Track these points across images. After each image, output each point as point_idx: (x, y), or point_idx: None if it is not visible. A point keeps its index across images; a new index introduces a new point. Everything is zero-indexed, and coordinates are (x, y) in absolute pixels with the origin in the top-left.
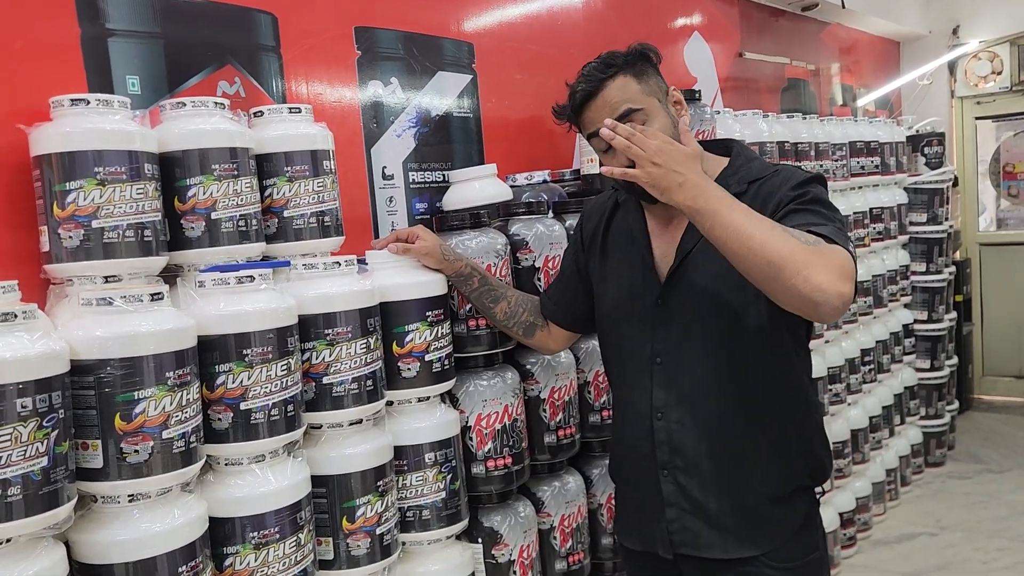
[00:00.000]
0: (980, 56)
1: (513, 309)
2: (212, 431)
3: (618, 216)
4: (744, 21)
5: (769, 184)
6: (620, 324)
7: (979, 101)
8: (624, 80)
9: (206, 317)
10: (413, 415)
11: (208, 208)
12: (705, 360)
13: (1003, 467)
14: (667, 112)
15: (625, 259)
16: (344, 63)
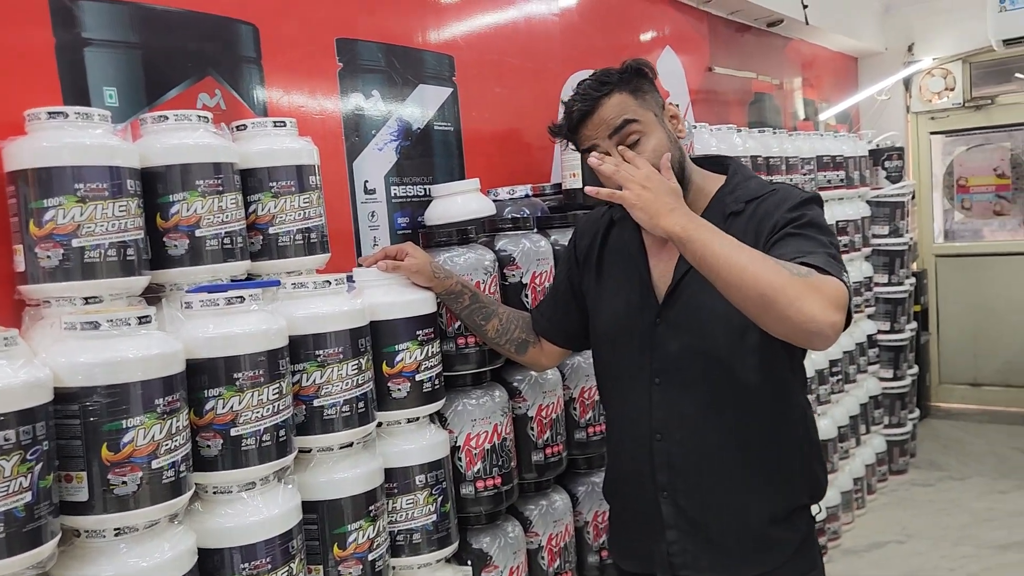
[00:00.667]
0: (934, 73)
1: (505, 326)
2: (200, 458)
3: (614, 233)
4: (713, 36)
5: (766, 204)
6: (617, 343)
7: (933, 116)
8: (621, 97)
9: (194, 340)
10: (403, 436)
11: (192, 225)
12: (705, 380)
13: (963, 474)
14: (663, 127)
15: (622, 277)
16: (326, 75)
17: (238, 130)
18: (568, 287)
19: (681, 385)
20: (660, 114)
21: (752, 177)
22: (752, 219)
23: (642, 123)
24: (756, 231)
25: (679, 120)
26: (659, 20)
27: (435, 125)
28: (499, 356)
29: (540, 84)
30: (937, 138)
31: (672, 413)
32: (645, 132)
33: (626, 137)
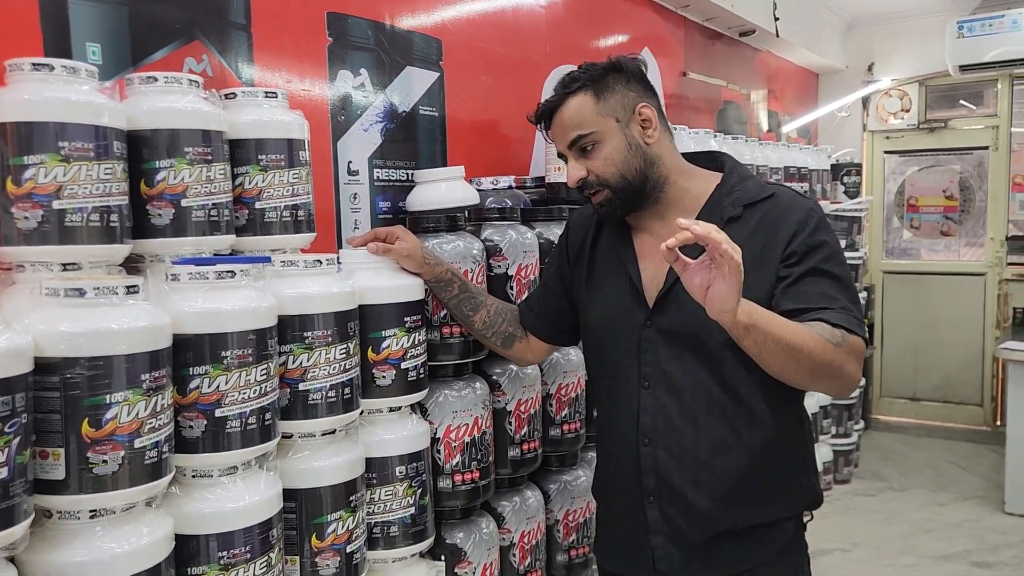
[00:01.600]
0: (891, 93)
1: (492, 318)
2: (181, 439)
3: (604, 232)
4: (688, 41)
5: (772, 215)
6: (606, 345)
7: (888, 136)
8: (582, 99)
9: (181, 314)
10: (384, 426)
11: (178, 194)
12: (695, 387)
13: (904, 485)
14: (623, 134)
15: (612, 278)
16: (315, 49)
17: (227, 98)
18: (559, 283)
19: (669, 391)
20: (624, 118)
21: (749, 177)
22: (757, 231)
23: (596, 133)
24: (764, 246)
25: (651, 124)
26: (639, 21)
27: (420, 109)
28: (482, 347)
29: (524, 75)
30: (891, 157)
31: (659, 418)
32: (598, 141)
33: (582, 147)
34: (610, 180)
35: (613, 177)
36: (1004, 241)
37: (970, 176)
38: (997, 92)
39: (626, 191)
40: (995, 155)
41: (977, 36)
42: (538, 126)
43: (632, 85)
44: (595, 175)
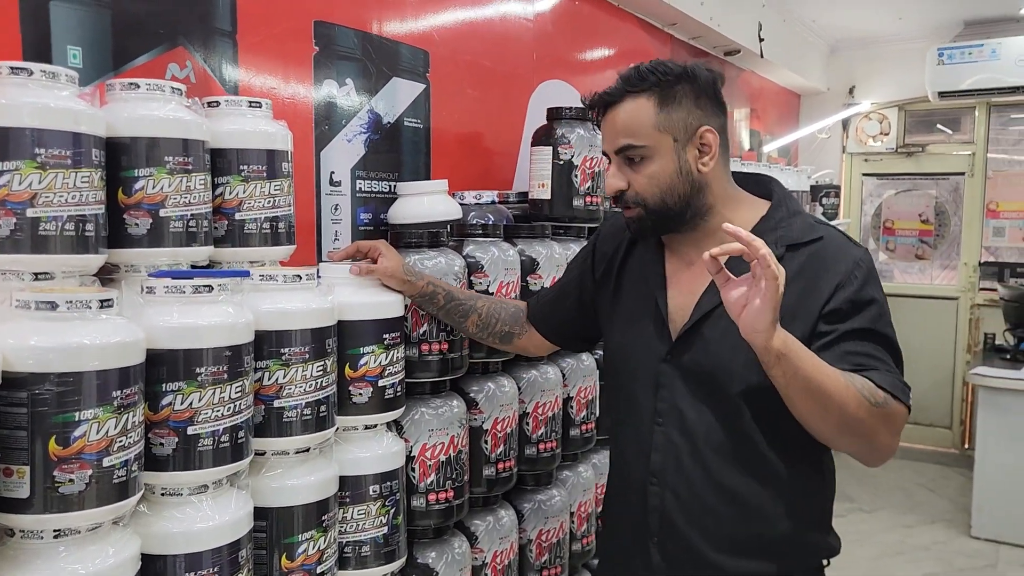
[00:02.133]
0: (871, 116)
1: (485, 320)
2: (151, 456)
3: (637, 250)
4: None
5: (817, 261)
6: (623, 372)
7: (867, 159)
8: (643, 103)
9: (155, 329)
10: (359, 443)
11: (156, 204)
12: (709, 431)
13: (873, 507)
14: (676, 156)
15: (638, 303)
16: (301, 58)
17: (210, 106)
18: (577, 290)
19: (682, 431)
20: (683, 139)
21: (797, 213)
22: (799, 277)
23: (648, 148)
24: (803, 294)
25: (710, 150)
26: (626, 37)
27: (406, 120)
28: (461, 366)
29: (510, 89)
30: (869, 179)
31: (670, 458)
32: (648, 156)
33: (628, 157)
34: (649, 201)
35: (653, 198)
36: (977, 267)
37: (946, 201)
38: (975, 119)
39: (663, 215)
40: (971, 181)
41: (956, 64)
42: (590, 112)
43: (701, 102)
44: (635, 191)
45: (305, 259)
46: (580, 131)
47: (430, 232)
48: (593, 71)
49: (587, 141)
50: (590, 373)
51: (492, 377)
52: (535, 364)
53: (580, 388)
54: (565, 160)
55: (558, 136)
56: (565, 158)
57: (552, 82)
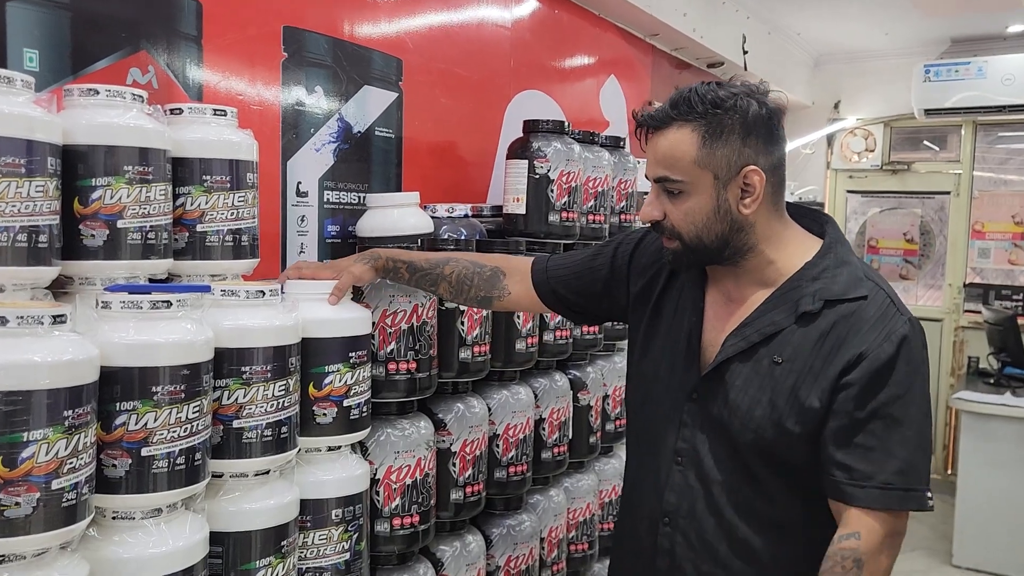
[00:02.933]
0: (856, 133)
1: (457, 287)
2: (103, 479)
3: (679, 278)
4: (655, 70)
5: (852, 323)
6: (649, 402)
7: (852, 175)
8: (686, 136)
9: (111, 346)
10: (322, 466)
11: (114, 215)
12: (726, 481)
13: None
14: (716, 195)
15: (673, 329)
16: (269, 64)
17: (172, 114)
18: (603, 283)
19: (699, 476)
20: (725, 177)
21: (845, 263)
22: (828, 337)
23: (685, 183)
24: (828, 356)
25: (753, 193)
26: (607, 47)
27: (376, 130)
28: (429, 387)
29: (486, 99)
30: (853, 197)
31: (684, 501)
32: (686, 192)
33: (666, 188)
34: (684, 236)
35: (688, 235)
36: (962, 288)
37: (931, 220)
38: (961, 137)
39: (699, 251)
40: (956, 200)
41: (943, 81)
42: (636, 132)
43: (751, 140)
44: (671, 223)
45: (270, 271)
46: (557, 144)
47: (400, 247)
48: (572, 81)
49: (564, 155)
50: (563, 394)
51: (461, 398)
52: (506, 384)
53: (553, 409)
54: (541, 174)
55: (534, 149)
56: (541, 172)
57: (529, 92)
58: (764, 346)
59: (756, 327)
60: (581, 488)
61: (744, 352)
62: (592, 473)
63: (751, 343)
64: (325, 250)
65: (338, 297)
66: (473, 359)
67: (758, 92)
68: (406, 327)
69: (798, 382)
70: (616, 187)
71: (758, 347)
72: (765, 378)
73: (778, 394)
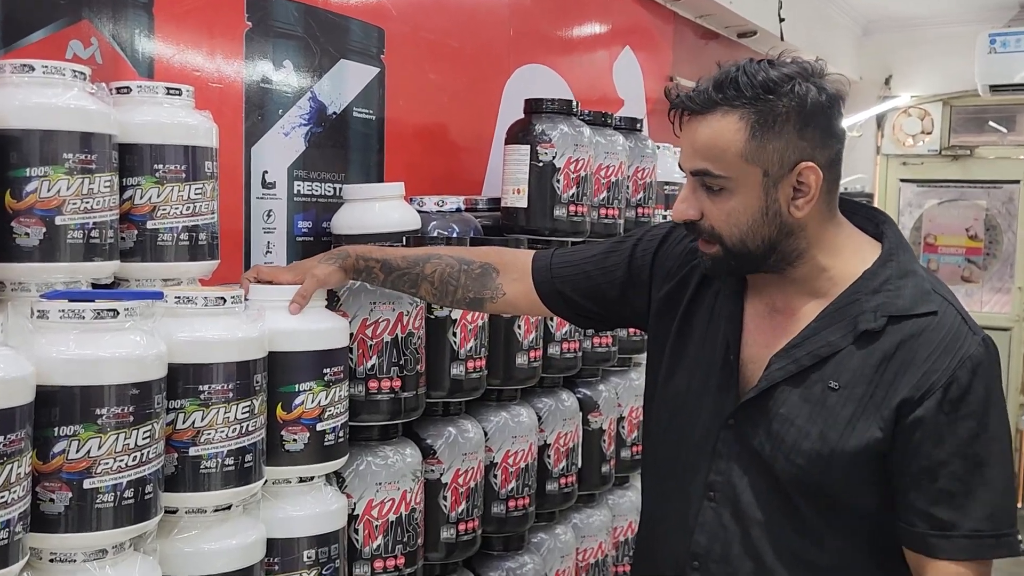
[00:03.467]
0: (910, 112)
1: (441, 289)
2: (39, 515)
3: (713, 284)
4: (677, 41)
5: (920, 344)
6: (674, 427)
7: (905, 162)
8: (732, 124)
9: (49, 362)
10: (292, 499)
11: (52, 210)
12: (766, 522)
13: None
14: (764, 194)
15: (705, 344)
16: (230, 35)
17: (119, 93)
18: (619, 286)
19: (736, 515)
20: (776, 174)
21: (910, 273)
22: (892, 359)
23: (729, 179)
24: (892, 382)
25: (808, 192)
26: (621, 14)
27: (354, 111)
28: (416, 408)
29: (481, 74)
30: (908, 187)
31: (717, 543)
32: (729, 189)
33: (705, 183)
34: (725, 240)
35: (730, 238)
36: None
37: (998, 214)
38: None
39: (742, 257)
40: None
41: (1012, 52)
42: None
43: (808, 131)
44: (710, 224)
45: (231, 276)
46: (563, 127)
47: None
48: (581, 53)
49: (571, 139)
50: (571, 416)
51: (453, 420)
52: (506, 405)
53: (559, 434)
54: (545, 161)
55: (538, 133)
56: (546, 159)
57: (532, 67)
58: (816, 370)
59: (808, 348)
60: (592, 525)
61: (793, 376)
62: (605, 508)
63: (802, 366)
64: (295, 250)
65: (300, 305)
66: (467, 376)
67: (815, 74)
68: (389, 339)
69: (856, 412)
70: (632, 176)
71: (809, 371)
72: (816, 407)
73: (831, 426)
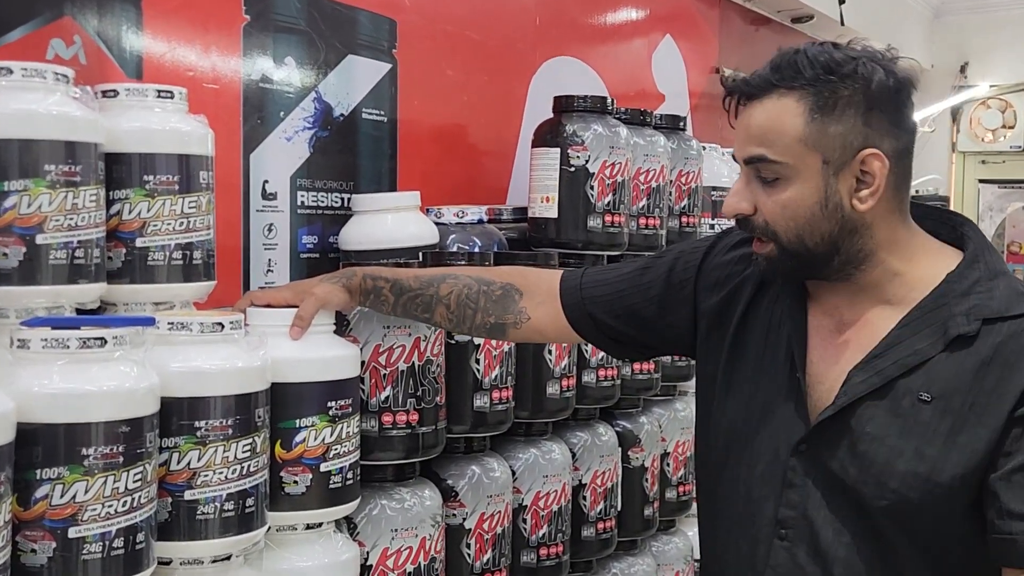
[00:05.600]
0: (990, 104)
1: (459, 312)
2: (19, 568)
3: (770, 291)
4: (724, 28)
5: (1020, 345)
6: (733, 460)
7: (984, 160)
8: (790, 106)
9: (30, 396)
10: (296, 549)
11: (33, 228)
12: (850, 560)
13: None
14: (824, 184)
15: (764, 363)
16: (227, 30)
17: (105, 97)
18: (657, 305)
19: (814, 554)
20: (836, 161)
21: (1001, 274)
22: (992, 365)
23: (786, 166)
24: (995, 389)
25: (873, 183)
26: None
27: (364, 112)
28: (435, 444)
29: (504, 70)
30: (988, 188)
31: None
32: (786, 177)
33: (760, 172)
34: (781, 235)
35: (786, 233)
36: None
37: None
38: None
39: (801, 257)
40: None
41: None
42: (725, 100)
43: (873, 117)
44: (764, 219)
45: (228, 299)
46: (597, 127)
47: (396, 263)
48: (616, 43)
49: (606, 141)
50: (610, 452)
51: (476, 459)
52: (535, 441)
53: (596, 472)
54: (578, 166)
55: (568, 134)
56: (578, 164)
57: (561, 60)
58: (903, 380)
59: (893, 357)
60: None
61: (878, 390)
62: (648, 555)
63: (887, 378)
64: (299, 268)
65: (301, 328)
66: (492, 408)
67: (884, 59)
68: (405, 367)
69: (956, 425)
70: (675, 181)
71: (895, 382)
72: (908, 421)
73: (928, 442)
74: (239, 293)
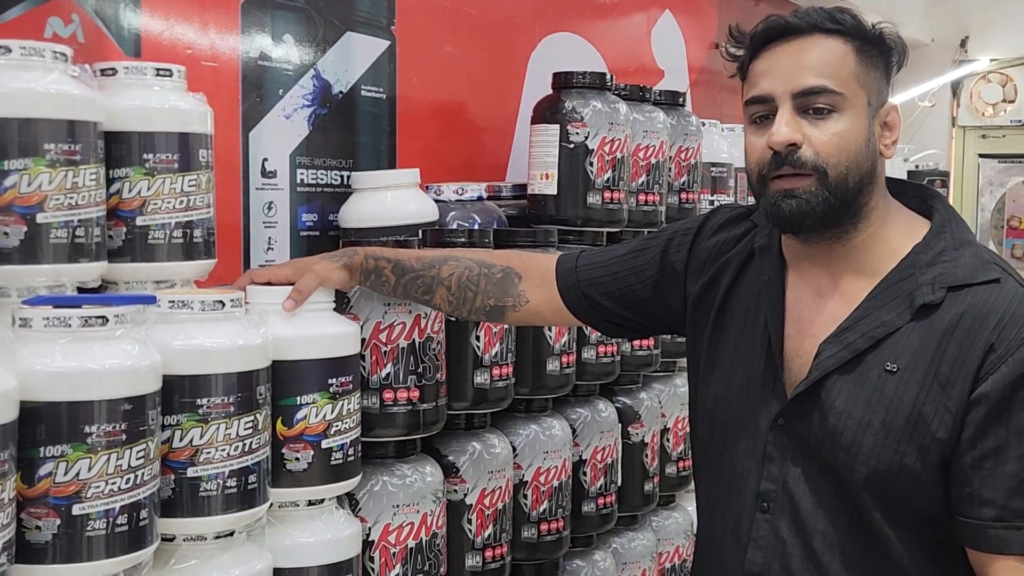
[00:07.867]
0: (990, 78)
1: (459, 294)
2: (24, 544)
3: (751, 268)
4: (724, 2)
5: (982, 313)
6: (719, 435)
7: (985, 134)
8: (842, 47)
9: (33, 375)
10: (299, 525)
11: (33, 207)
12: (829, 529)
13: None
14: (868, 121)
15: (746, 339)
16: (225, 7)
17: (104, 75)
18: (652, 286)
19: (794, 525)
20: (875, 104)
21: (965, 243)
22: (954, 333)
23: (845, 98)
24: (956, 358)
25: (892, 133)
26: None
27: (363, 89)
28: (436, 421)
29: (503, 46)
30: (988, 163)
31: (774, 559)
32: (840, 110)
33: (814, 107)
34: (830, 168)
35: (836, 166)
36: None
37: None
38: None
39: (838, 195)
40: None
41: None
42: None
43: (889, 80)
44: (814, 150)
45: (229, 276)
46: (597, 104)
47: (396, 241)
48: (615, 18)
49: (606, 117)
50: (610, 428)
51: (478, 435)
52: (536, 417)
53: (596, 448)
54: (577, 143)
55: (568, 110)
56: (577, 140)
57: (560, 35)
58: (871, 352)
59: (861, 330)
60: (634, 550)
61: (846, 363)
62: (648, 530)
63: (856, 351)
64: (299, 246)
65: (296, 301)
66: (492, 384)
67: (896, 34)
68: (406, 344)
69: (921, 394)
70: (674, 157)
71: (864, 355)
72: (875, 393)
73: (895, 413)
74: (239, 271)
